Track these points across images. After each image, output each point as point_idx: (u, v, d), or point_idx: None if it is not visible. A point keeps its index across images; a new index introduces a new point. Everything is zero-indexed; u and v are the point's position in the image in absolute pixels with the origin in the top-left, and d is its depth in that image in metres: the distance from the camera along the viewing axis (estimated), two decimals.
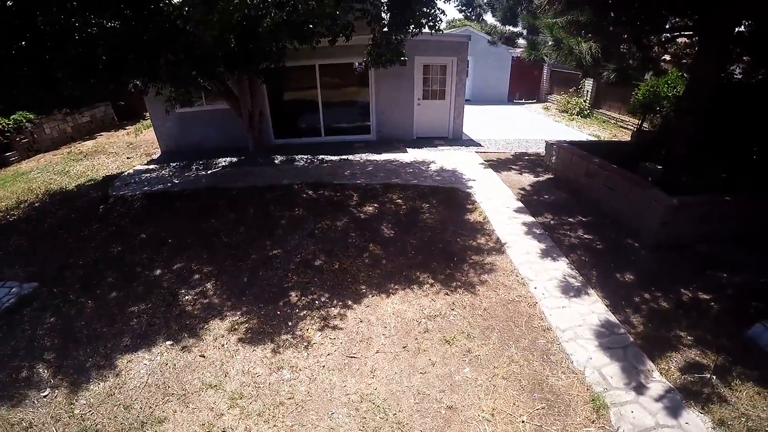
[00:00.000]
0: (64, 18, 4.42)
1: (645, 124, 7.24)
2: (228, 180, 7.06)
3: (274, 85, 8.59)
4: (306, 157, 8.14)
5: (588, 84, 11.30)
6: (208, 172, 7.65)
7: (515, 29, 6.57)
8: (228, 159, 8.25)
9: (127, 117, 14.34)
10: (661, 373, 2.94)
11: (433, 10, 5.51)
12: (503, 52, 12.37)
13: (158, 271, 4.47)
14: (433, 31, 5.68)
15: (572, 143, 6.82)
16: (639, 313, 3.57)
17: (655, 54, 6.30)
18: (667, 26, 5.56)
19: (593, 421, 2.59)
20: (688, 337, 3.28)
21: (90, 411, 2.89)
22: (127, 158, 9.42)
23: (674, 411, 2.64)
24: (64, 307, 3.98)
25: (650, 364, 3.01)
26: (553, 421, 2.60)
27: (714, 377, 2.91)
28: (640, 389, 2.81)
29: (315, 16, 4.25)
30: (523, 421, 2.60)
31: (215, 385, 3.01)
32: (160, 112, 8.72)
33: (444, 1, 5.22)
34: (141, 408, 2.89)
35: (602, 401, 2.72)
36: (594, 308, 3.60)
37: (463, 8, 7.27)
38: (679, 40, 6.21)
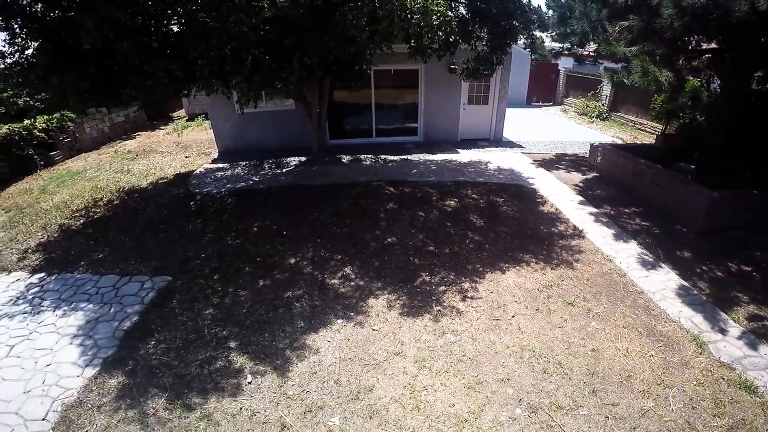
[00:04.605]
0: (220, 14, 4.44)
1: (668, 128, 8.42)
2: (307, 178, 7.64)
3: (333, 88, 9.14)
4: (370, 156, 8.88)
5: (606, 88, 12.51)
6: (283, 170, 8.24)
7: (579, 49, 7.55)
8: (297, 158, 8.86)
9: (155, 118, 14.58)
10: (734, 320, 3.97)
11: (528, 32, 6.53)
12: (522, 56, 13.34)
13: (292, 260, 4.87)
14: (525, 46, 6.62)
15: (613, 146, 7.89)
16: (702, 280, 4.62)
17: (679, 66, 7.38)
18: (690, 47, 6.59)
19: (700, 353, 3.59)
20: (744, 297, 4.34)
21: (304, 390, 3.02)
22: (186, 157, 9.79)
23: (753, 345, 3.67)
24: (213, 298, 4.18)
25: (724, 315, 4.04)
26: (673, 354, 3.58)
27: None
28: (723, 332, 3.83)
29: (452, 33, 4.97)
30: (651, 355, 3.56)
31: (399, 353, 3.42)
32: (221, 111, 9.27)
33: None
34: (348, 380, 3.11)
35: (701, 340, 3.72)
36: (669, 277, 4.63)
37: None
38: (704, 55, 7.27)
